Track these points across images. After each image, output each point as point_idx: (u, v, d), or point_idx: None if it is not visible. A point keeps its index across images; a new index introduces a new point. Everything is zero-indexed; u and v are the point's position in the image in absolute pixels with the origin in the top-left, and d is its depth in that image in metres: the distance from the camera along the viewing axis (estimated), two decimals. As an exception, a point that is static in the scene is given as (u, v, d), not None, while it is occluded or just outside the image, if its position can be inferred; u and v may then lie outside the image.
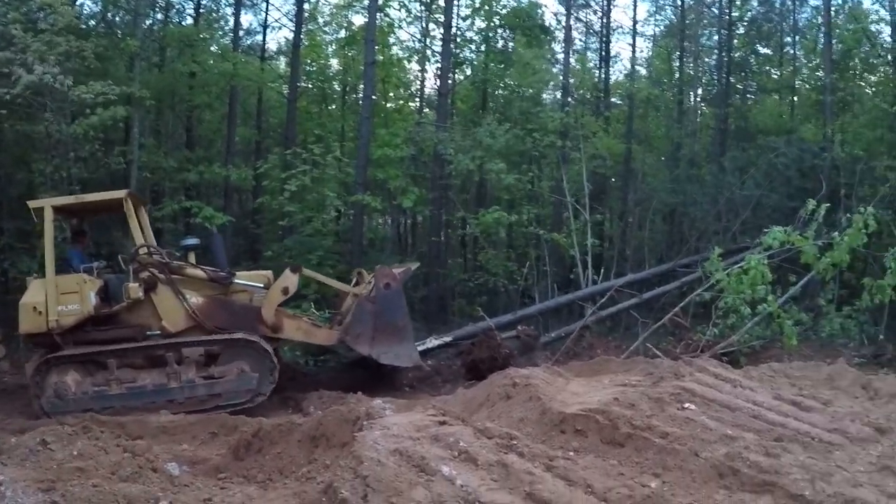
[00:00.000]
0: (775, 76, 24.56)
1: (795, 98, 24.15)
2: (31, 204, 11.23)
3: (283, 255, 16.24)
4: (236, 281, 11.40)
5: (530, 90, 20.94)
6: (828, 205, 13.77)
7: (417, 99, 24.18)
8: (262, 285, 11.48)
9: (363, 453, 5.15)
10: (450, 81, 19.39)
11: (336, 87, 23.95)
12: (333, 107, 23.85)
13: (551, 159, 19.34)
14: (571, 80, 20.93)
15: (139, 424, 8.90)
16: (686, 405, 7.29)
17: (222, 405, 10.59)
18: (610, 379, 8.71)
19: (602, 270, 17.17)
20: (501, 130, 17.00)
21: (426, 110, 23.33)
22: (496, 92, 22.48)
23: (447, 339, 13.59)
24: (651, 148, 23.84)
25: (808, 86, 24.06)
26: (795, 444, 6.41)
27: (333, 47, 23.64)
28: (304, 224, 16.04)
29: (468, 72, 22.31)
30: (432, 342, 13.40)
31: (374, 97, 18.17)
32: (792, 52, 24.48)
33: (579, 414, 6.55)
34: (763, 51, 24.82)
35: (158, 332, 10.95)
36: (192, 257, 11.45)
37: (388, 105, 22.26)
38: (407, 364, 11.84)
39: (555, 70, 22.31)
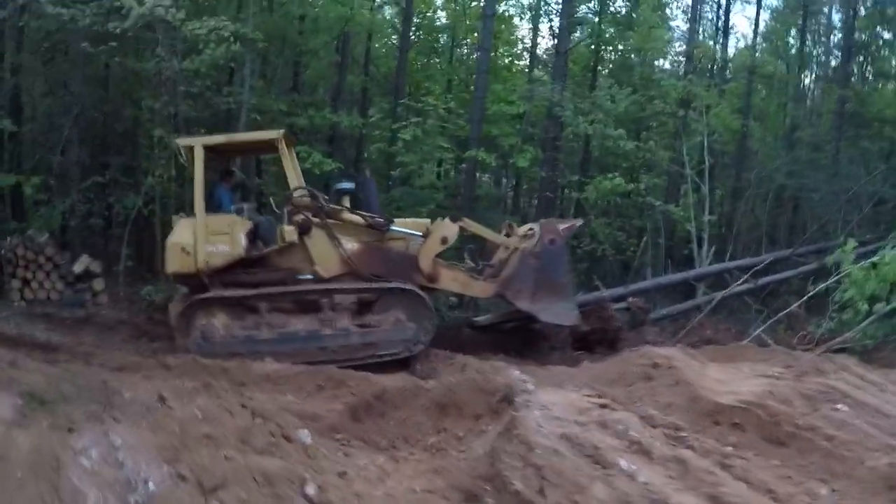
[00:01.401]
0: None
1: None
2: (181, 142, 11.09)
3: (390, 206, 15.98)
4: (394, 228, 11.10)
5: (650, 55, 20.12)
6: None
7: (528, 57, 23.52)
8: (420, 234, 11.16)
9: (532, 438, 4.66)
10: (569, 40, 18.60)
11: (443, 39, 23.46)
12: (438, 60, 23.35)
13: (668, 128, 18.58)
14: (696, 50, 19.93)
15: (242, 370, 8.68)
16: (838, 406, 6.70)
17: (378, 354, 10.39)
18: (750, 368, 8.15)
19: (713, 249, 16.51)
20: (623, 94, 16.35)
21: (536, 70, 22.64)
22: (611, 55, 21.64)
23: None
24: (767, 127, 22.75)
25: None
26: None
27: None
28: (416, 176, 15.71)
29: (581, 33, 21.45)
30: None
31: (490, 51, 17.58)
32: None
33: (736, 406, 6.11)
34: (886, 35, 23.37)
35: (310, 276, 10.76)
36: (345, 202, 11.15)
37: (499, 62, 21.68)
38: (566, 322, 11.38)
39: (675, 36, 21.43)
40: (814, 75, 24.22)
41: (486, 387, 5.96)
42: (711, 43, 22.77)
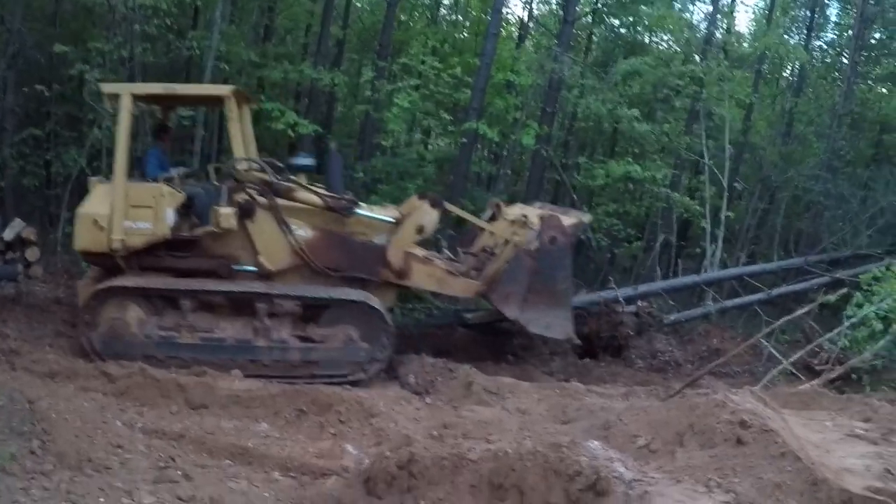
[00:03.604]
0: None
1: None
2: (106, 88, 9.01)
3: (371, 176, 14.26)
4: (360, 212, 9.23)
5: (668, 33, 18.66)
6: None
7: (532, 26, 21.77)
8: (391, 219, 9.37)
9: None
10: (577, 9, 16.87)
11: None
12: (428, 16, 21.28)
13: (681, 114, 17.10)
14: (717, 33, 18.42)
15: (203, 389, 7.11)
16: None
17: (318, 375, 8.61)
18: (832, 421, 6.80)
19: (720, 248, 15.25)
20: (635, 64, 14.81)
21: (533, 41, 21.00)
22: (621, 30, 20.05)
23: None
24: (769, 122, 21.44)
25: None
26: None
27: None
28: (406, 146, 13.96)
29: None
30: None
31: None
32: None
33: (870, 497, 4.74)
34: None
35: (252, 267, 8.89)
36: (302, 180, 9.25)
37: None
38: (558, 336, 9.67)
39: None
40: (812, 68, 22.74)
41: (561, 468, 4.31)
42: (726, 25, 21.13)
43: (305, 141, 14.09)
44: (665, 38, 20.80)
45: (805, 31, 22.00)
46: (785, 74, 23.53)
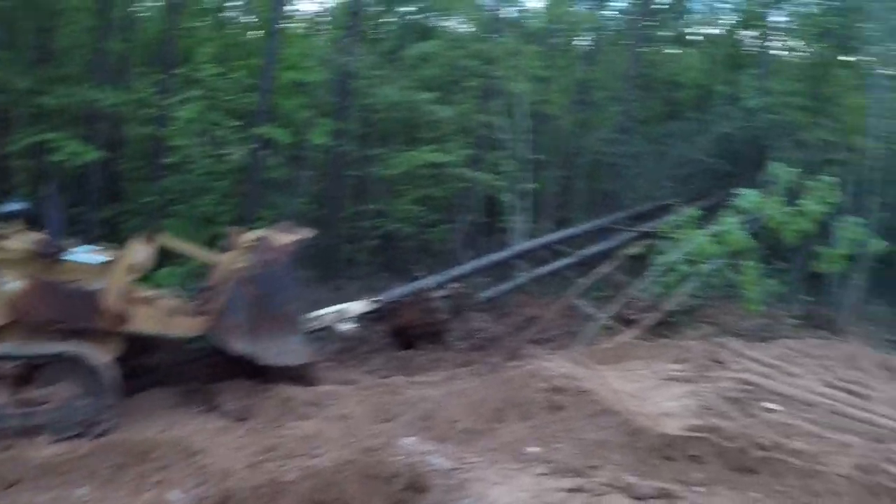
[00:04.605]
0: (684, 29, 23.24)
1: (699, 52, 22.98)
2: None
3: (162, 200, 13.46)
4: (66, 257, 8.28)
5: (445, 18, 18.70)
6: (798, 170, 12.60)
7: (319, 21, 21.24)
8: (102, 260, 8.45)
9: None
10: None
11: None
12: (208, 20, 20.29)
13: (475, 93, 17.22)
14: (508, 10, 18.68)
15: (12, 461, 6.41)
16: (768, 405, 6.19)
17: (52, 438, 7.58)
18: (648, 369, 6.95)
19: (526, 221, 15.51)
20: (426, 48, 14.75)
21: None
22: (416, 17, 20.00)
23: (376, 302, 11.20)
24: (563, 90, 22.07)
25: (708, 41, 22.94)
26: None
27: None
28: (198, 160, 13.17)
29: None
30: (360, 307, 11.01)
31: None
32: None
33: (690, 436, 4.87)
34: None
35: None
36: (16, 226, 8.25)
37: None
38: (294, 362, 8.94)
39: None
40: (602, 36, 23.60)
41: (378, 472, 4.07)
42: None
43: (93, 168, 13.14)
44: (457, 20, 20.87)
45: (596, 2, 22.87)
46: (580, 44, 24.06)
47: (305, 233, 9.96)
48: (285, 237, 9.13)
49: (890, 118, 14.76)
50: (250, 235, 9.41)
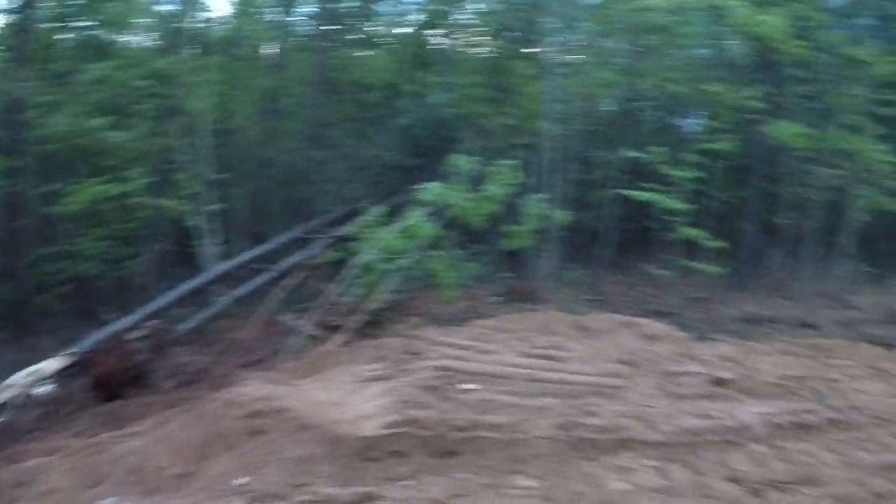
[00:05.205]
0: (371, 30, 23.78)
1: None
2: None
3: None
4: None
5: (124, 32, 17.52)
6: (478, 158, 13.31)
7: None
8: None
9: None
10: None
11: None
12: None
13: (149, 113, 16.29)
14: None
15: None
16: (465, 386, 6.35)
17: None
18: (349, 374, 6.90)
19: (223, 244, 14.97)
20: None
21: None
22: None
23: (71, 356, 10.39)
24: (250, 101, 21.66)
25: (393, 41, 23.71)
26: (598, 396, 6.21)
27: None
28: None
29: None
30: (55, 364, 10.15)
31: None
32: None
33: (390, 433, 4.89)
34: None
35: None
36: None
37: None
38: None
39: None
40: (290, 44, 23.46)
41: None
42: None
43: None
44: (138, 35, 19.67)
45: (283, 9, 22.54)
46: (266, 53, 23.68)
47: None
48: None
49: (565, 102, 15.73)
50: None
